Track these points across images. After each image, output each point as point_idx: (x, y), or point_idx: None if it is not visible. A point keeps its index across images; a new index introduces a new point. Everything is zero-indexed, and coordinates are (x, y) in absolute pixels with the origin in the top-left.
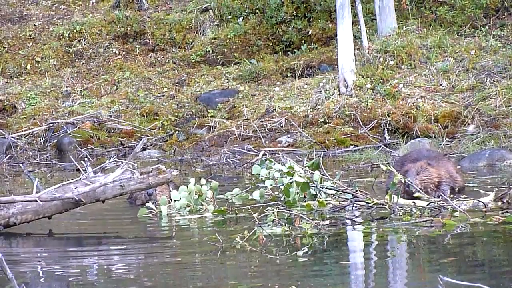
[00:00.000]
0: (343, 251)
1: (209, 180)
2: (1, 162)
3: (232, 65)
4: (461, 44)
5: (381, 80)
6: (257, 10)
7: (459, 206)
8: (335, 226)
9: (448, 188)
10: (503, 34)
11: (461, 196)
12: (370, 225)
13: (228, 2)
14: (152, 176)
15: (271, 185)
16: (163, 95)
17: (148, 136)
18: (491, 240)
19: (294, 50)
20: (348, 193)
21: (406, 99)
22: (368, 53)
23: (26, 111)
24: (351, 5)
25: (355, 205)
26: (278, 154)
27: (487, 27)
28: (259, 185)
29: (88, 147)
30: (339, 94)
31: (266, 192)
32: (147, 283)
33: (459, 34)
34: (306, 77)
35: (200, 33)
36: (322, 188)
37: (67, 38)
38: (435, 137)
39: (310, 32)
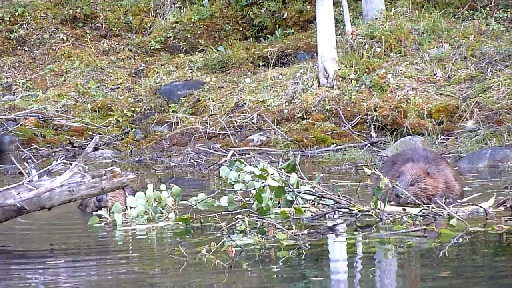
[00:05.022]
0: (323, 265)
1: (171, 184)
2: None
3: (197, 53)
4: (458, 28)
5: (367, 70)
6: None
7: (456, 213)
8: (315, 236)
9: (441, 199)
10: (506, 17)
11: (459, 202)
12: (355, 235)
13: None
14: (106, 180)
15: (241, 189)
16: (117, 88)
17: (101, 134)
18: (493, 251)
19: (267, 35)
20: (329, 198)
21: (395, 91)
22: (351, 39)
23: None
24: None
25: (337, 212)
26: (249, 154)
27: (487, 9)
28: (228, 189)
29: (32, 147)
30: (318, 86)
31: (236, 197)
32: None
33: (456, 16)
34: (281, 66)
35: (160, 17)
36: (299, 193)
37: (7, 22)
38: (428, 135)
39: (285, 15)
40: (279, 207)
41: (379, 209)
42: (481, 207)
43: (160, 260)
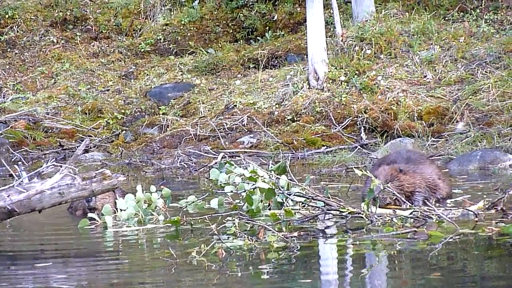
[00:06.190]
0: (313, 267)
1: (161, 186)
2: None
3: (187, 55)
4: (448, 30)
5: (357, 72)
6: None
7: (446, 215)
8: (305, 238)
9: (421, 199)
10: (497, 18)
11: (449, 204)
12: (345, 237)
13: None
14: (96, 182)
15: (231, 191)
16: (108, 90)
17: (91, 136)
18: (483, 253)
19: (258, 37)
20: (320, 200)
21: (386, 93)
22: (342, 41)
23: None
24: None
25: (327, 214)
26: (239, 156)
27: (478, 11)
28: (218, 192)
29: (23, 149)
30: (308, 88)
31: (226, 199)
32: None
33: (446, 18)
34: (271, 68)
35: (150, 19)
36: (290, 195)
37: None
38: (418, 137)
39: (275, 17)
40: (269, 209)
41: (370, 211)
42: (470, 210)
43: (150, 262)
